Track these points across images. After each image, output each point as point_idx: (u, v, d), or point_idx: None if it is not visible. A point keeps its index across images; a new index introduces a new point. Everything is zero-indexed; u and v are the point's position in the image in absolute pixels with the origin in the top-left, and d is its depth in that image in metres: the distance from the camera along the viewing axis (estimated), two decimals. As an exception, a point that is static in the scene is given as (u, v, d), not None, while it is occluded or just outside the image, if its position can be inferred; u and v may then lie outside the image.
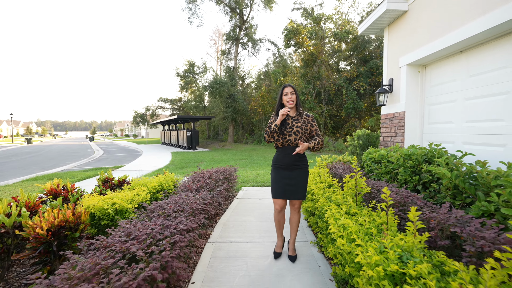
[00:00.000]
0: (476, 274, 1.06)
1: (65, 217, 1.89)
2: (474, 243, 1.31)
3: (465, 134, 3.12)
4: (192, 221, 1.96)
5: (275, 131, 2.21)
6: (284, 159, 2.27)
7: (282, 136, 2.25)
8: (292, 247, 2.40)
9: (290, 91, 2.29)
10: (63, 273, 1.21)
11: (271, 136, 2.24)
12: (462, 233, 1.41)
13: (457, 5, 2.99)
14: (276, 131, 2.22)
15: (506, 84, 2.59)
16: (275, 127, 2.20)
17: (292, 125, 2.25)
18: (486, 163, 1.99)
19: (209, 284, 2.02)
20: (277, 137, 2.26)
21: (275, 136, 2.25)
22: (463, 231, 1.42)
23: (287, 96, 2.27)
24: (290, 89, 2.30)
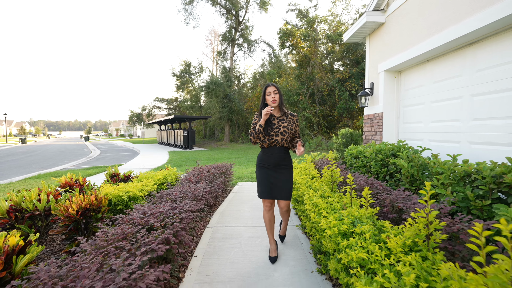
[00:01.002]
0: (401, 230, 1.49)
1: (90, 201, 2.28)
2: (408, 211, 1.75)
3: (430, 132, 3.59)
4: (195, 204, 2.37)
5: (260, 131, 2.17)
6: (269, 159, 2.25)
7: (269, 137, 2.21)
8: (284, 229, 2.64)
9: (273, 91, 2.22)
10: (101, 235, 1.62)
11: (257, 137, 2.19)
12: (403, 206, 1.86)
13: (422, 21, 3.46)
14: (262, 132, 2.18)
15: (459, 90, 3.06)
16: (259, 128, 2.16)
17: (279, 125, 2.22)
18: (437, 155, 2.45)
19: (209, 257, 2.44)
20: (263, 137, 2.22)
21: (261, 137, 2.21)
22: (404, 205, 1.86)
23: (270, 96, 2.22)
24: (273, 89, 2.23)
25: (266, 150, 2.27)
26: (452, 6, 2.97)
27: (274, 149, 2.24)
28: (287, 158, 2.30)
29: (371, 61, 4.79)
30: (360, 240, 1.43)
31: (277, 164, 2.25)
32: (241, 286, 1.97)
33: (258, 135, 2.19)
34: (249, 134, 2.24)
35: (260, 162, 2.33)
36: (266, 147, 2.27)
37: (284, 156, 2.27)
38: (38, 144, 31.73)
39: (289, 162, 2.32)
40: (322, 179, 2.85)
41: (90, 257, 1.37)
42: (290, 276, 2.11)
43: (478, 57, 2.83)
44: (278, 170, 2.26)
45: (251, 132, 2.23)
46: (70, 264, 1.33)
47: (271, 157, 2.24)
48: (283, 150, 2.27)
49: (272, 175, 2.25)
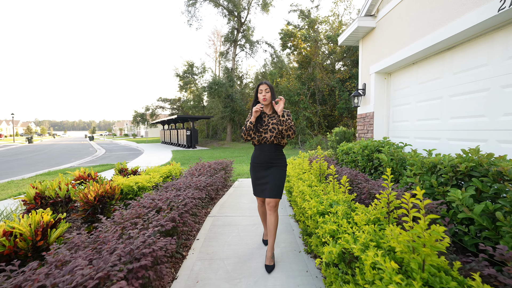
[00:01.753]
0: (368, 210, 1.78)
1: (105, 189, 2.60)
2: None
3: (416, 130, 3.85)
4: (197, 193, 2.68)
5: (250, 128, 2.20)
6: (260, 156, 2.26)
7: (258, 134, 2.23)
8: (269, 254, 2.17)
9: (265, 89, 2.23)
10: (118, 215, 1.93)
11: (247, 134, 2.24)
12: (377, 192, 2.14)
13: (406, 27, 3.73)
14: (252, 129, 2.21)
15: (440, 91, 3.33)
16: (250, 125, 2.20)
17: (268, 123, 2.23)
18: (416, 150, 2.72)
19: (209, 240, 2.75)
20: (253, 134, 2.24)
21: (251, 134, 2.24)
22: (379, 192, 2.15)
23: (261, 94, 2.23)
24: (265, 87, 2.23)
25: (257, 147, 2.30)
26: (428, 16, 3.24)
27: (264, 147, 2.25)
28: (278, 156, 2.27)
29: (363, 63, 5.06)
30: (333, 217, 1.72)
31: (268, 162, 2.24)
32: (237, 262, 2.27)
33: (249, 132, 2.22)
34: (241, 131, 2.31)
35: (252, 161, 2.34)
36: (256, 144, 2.29)
37: (275, 154, 2.25)
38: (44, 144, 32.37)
39: (281, 160, 2.28)
40: (311, 171, 3.14)
41: (111, 229, 1.68)
42: (280, 255, 2.41)
43: (455, 61, 3.10)
44: (268, 167, 2.25)
45: (242, 129, 2.27)
46: (95, 235, 1.64)
47: (262, 155, 2.25)
48: (273, 148, 2.24)
49: (263, 174, 2.25)
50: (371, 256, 1.15)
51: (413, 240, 1.11)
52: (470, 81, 2.87)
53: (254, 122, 2.20)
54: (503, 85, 2.50)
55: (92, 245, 1.47)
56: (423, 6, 3.39)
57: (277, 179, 2.22)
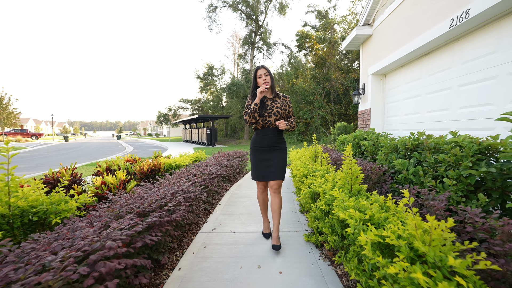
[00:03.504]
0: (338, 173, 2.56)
1: (154, 164, 3.59)
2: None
3: (404, 123, 4.49)
4: (221, 169, 3.59)
5: (255, 110, 2.18)
6: (263, 140, 2.28)
7: (262, 118, 2.23)
8: (276, 235, 2.25)
9: (264, 73, 2.23)
10: (167, 176, 2.88)
11: (252, 116, 2.20)
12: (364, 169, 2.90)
13: (394, 35, 4.38)
14: (257, 111, 2.19)
15: (420, 89, 3.97)
16: (255, 107, 2.17)
17: (272, 106, 2.24)
18: (394, 138, 3.42)
19: (229, 205, 3.64)
20: (258, 118, 2.23)
21: (256, 117, 2.21)
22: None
23: (261, 79, 2.23)
24: (264, 71, 2.23)
25: (260, 131, 2.30)
26: (407, 28, 3.90)
27: (267, 130, 2.26)
28: (280, 140, 2.33)
29: (363, 66, 5.72)
30: (313, 178, 2.53)
31: (270, 145, 2.27)
32: (248, 216, 3.14)
33: (254, 114, 2.19)
34: (244, 115, 2.27)
35: (254, 144, 2.35)
36: (259, 128, 2.29)
37: (277, 137, 2.30)
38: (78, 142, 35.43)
39: (282, 143, 2.35)
40: (307, 154, 3.93)
41: (165, 182, 2.63)
42: (282, 214, 3.24)
43: (431, 65, 3.74)
44: (272, 151, 2.29)
45: (246, 112, 2.26)
46: (157, 183, 2.58)
47: (265, 138, 2.27)
48: (276, 132, 2.29)
49: (266, 157, 2.28)
50: (325, 188, 1.96)
51: (348, 176, 1.90)
52: (441, 80, 3.51)
53: (259, 104, 2.19)
54: (460, 84, 3.14)
55: (155, 188, 2.41)
56: (405, 18, 4.04)
57: (281, 161, 2.29)
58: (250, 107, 2.24)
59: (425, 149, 2.37)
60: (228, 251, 2.25)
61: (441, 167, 1.99)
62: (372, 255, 1.06)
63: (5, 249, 1.13)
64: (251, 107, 2.21)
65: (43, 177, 2.78)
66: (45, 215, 1.59)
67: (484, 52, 2.79)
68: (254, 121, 2.25)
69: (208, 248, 2.30)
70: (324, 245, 2.24)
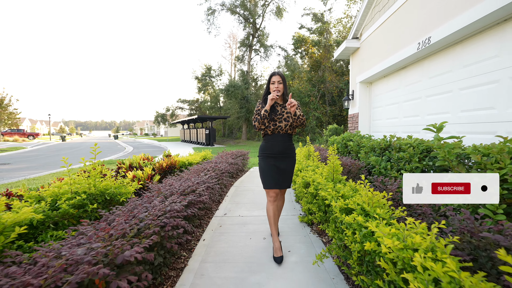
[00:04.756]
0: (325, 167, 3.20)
1: (171, 161, 4.19)
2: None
3: (386, 126, 5.15)
4: (228, 165, 4.21)
5: (265, 117, 2.17)
6: (273, 147, 2.25)
7: (273, 123, 2.21)
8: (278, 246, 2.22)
9: (277, 80, 2.24)
10: (186, 171, 3.49)
11: (262, 122, 2.19)
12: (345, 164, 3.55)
13: (377, 50, 5.04)
14: (267, 117, 2.18)
15: (397, 97, 4.63)
16: (265, 113, 2.16)
17: (282, 112, 2.23)
18: (373, 140, 4.06)
19: (235, 196, 4.25)
20: (267, 123, 2.22)
21: (266, 123, 2.20)
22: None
23: (274, 85, 2.24)
24: (278, 78, 2.24)
25: (270, 137, 2.28)
26: (388, 45, 4.56)
27: (278, 136, 2.24)
28: (291, 146, 2.31)
29: (352, 74, 6.38)
30: (305, 172, 3.16)
31: (281, 152, 2.25)
32: (252, 205, 3.76)
33: (263, 121, 2.18)
34: (254, 121, 2.25)
35: (263, 152, 2.31)
36: (269, 134, 2.28)
37: (288, 143, 2.28)
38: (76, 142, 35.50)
39: (293, 150, 2.34)
40: (302, 153, 4.58)
41: (188, 176, 3.24)
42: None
43: (406, 77, 4.40)
44: (283, 158, 2.26)
45: (255, 118, 2.24)
46: (180, 177, 3.19)
47: (275, 145, 2.24)
48: (287, 137, 2.27)
49: (277, 164, 2.24)
50: (314, 178, 2.59)
51: (331, 169, 2.54)
52: (413, 91, 4.17)
53: (269, 110, 2.18)
54: (427, 95, 3.81)
55: (180, 181, 3.02)
56: (386, 35, 4.70)
57: (292, 170, 2.33)
58: (260, 113, 2.22)
59: (393, 149, 3.02)
60: (239, 228, 2.87)
61: (401, 162, 2.64)
62: (339, 215, 1.69)
63: (118, 211, 1.74)
64: (261, 113, 2.19)
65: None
66: (113, 195, 2.18)
67: (443, 70, 3.45)
68: (264, 127, 2.24)
69: (223, 227, 2.92)
70: (314, 222, 2.88)
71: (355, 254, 1.49)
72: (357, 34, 5.94)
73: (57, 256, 1.07)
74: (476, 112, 2.94)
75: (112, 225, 1.39)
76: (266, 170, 2.27)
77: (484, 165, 1.61)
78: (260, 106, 2.29)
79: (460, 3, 2.92)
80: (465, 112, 3.11)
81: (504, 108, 2.60)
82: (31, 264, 1.08)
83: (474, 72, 2.94)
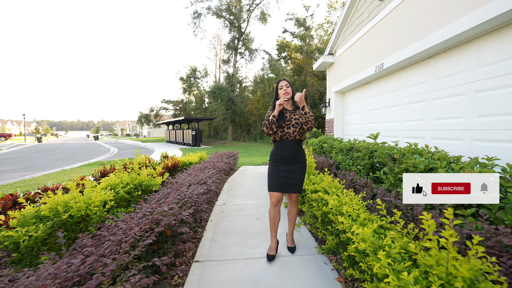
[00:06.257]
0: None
1: (174, 161, 4.89)
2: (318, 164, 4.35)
3: (355, 130, 6.15)
4: (224, 164, 4.98)
5: (273, 122, 2.21)
6: (282, 152, 2.28)
7: (281, 129, 2.26)
8: (290, 239, 2.45)
9: (285, 84, 2.31)
10: (190, 169, 4.22)
11: (270, 128, 2.23)
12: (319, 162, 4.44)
13: (347, 67, 6.02)
14: (275, 122, 2.22)
15: (363, 107, 5.63)
16: (273, 118, 2.20)
17: (290, 118, 2.26)
18: (343, 142, 5.00)
19: (230, 190, 5.02)
20: (275, 129, 2.26)
21: (274, 128, 2.24)
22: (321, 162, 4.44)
23: (282, 90, 2.30)
24: (285, 83, 2.32)
25: (279, 143, 2.32)
26: (355, 64, 5.55)
27: (287, 142, 2.28)
28: (300, 152, 2.34)
29: (329, 85, 7.37)
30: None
31: (290, 157, 2.29)
32: (245, 196, 4.55)
33: (271, 126, 2.23)
34: (263, 126, 2.28)
35: (273, 157, 2.36)
36: (278, 140, 2.32)
37: (296, 149, 2.31)
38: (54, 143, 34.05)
39: (302, 155, 2.37)
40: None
41: (195, 172, 3.98)
42: (266, 193, 4.70)
43: (369, 91, 5.40)
44: (292, 163, 2.30)
45: (264, 123, 2.27)
46: (188, 173, 3.92)
47: (284, 151, 2.28)
48: (295, 143, 2.31)
49: (286, 168, 2.28)
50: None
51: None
52: (374, 103, 5.17)
53: (277, 115, 2.23)
54: (384, 107, 4.80)
55: (193, 174, 3.75)
56: (354, 56, 5.69)
57: (302, 174, 2.33)
58: (269, 118, 2.26)
59: (354, 150, 3.95)
60: (237, 213, 3.66)
61: (358, 160, 3.56)
62: (310, 195, 2.54)
63: (162, 193, 2.47)
64: (269, 118, 2.24)
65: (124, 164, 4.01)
66: (147, 186, 2.88)
67: (393, 88, 4.45)
68: (272, 132, 2.29)
69: (224, 212, 3.70)
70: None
71: (319, 219, 2.35)
72: (332, 51, 6.92)
73: (141, 216, 1.81)
74: (411, 123, 3.94)
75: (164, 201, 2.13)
76: (272, 174, 2.33)
77: (400, 160, 2.52)
78: (270, 112, 2.34)
79: (402, 42, 3.91)
80: (408, 122, 4.11)
81: (425, 122, 3.60)
82: (123, 221, 1.82)
83: (412, 92, 3.94)
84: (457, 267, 0.94)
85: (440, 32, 3.06)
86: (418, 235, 1.43)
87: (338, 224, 1.78)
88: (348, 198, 2.02)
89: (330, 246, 2.13)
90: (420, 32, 3.47)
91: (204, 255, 2.41)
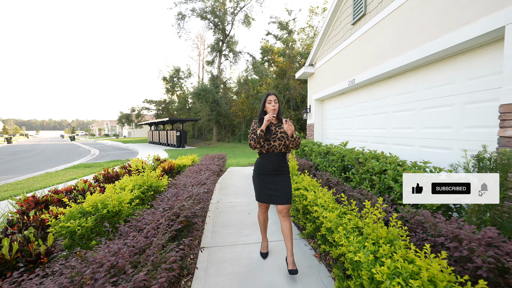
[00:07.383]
0: (288, 167, 4.69)
1: (170, 164, 5.32)
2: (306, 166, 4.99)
3: (333, 135, 6.90)
4: (215, 166, 5.49)
5: (261, 136, 2.25)
6: (268, 164, 2.33)
7: (268, 143, 2.30)
8: (291, 260, 2.23)
9: (274, 99, 2.35)
10: (186, 171, 4.70)
11: (257, 142, 2.27)
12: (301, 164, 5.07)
13: (327, 77, 6.75)
14: (262, 137, 2.26)
15: (340, 114, 6.37)
16: (261, 133, 2.24)
17: (276, 131, 2.32)
18: (322, 146, 5.68)
19: (221, 190, 5.53)
20: (262, 143, 2.30)
21: (261, 142, 2.28)
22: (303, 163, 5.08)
23: (270, 104, 2.34)
24: (274, 98, 2.36)
25: (265, 156, 2.36)
26: (332, 76, 6.29)
27: (272, 155, 2.32)
28: (284, 164, 2.39)
29: (309, 92, 8.09)
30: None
31: (275, 169, 2.33)
32: (237, 195, 5.09)
33: (259, 140, 2.27)
34: (249, 139, 2.31)
35: (258, 169, 2.40)
36: (264, 152, 2.35)
37: (282, 161, 2.36)
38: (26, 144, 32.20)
39: (286, 168, 2.41)
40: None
41: (192, 174, 4.46)
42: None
43: (344, 101, 6.15)
44: (277, 175, 2.34)
45: (251, 137, 2.30)
46: (187, 174, 4.39)
47: (269, 163, 2.33)
48: (281, 156, 2.36)
49: (271, 180, 2.33)
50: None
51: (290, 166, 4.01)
52: (348, 111, 5.92)
53: (264, 130, 2.28)
54: (357, 115, 5.55)
55: (192, 176, 4.23)
56: (331, 69, 6.42)
57: (288, 186, 2.35)
58: (256, 133, 2.29)
59: (330, 154, 4.63)
60: (231, 209, 4.20)
61: (333, 162, 4.23)
62: (293, 192, 3.15)
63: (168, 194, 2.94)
64: (257, 133, 2.27)
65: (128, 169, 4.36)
66: (156, 187, 3.33)
67: (363, 100, 5.20)
68: (259, 146, 2.33)
69: (219, 209, 4.22)
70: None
71: (301, 211, 2.96)
72: (312, 62, 7.64)
73: (162, 210, 2.30)
74: (376, 130, 4.70)
75: (179, 198, 2.64)
76: (259, 187, 2.40)
77: (364, 163, 3.20)
78: (256, 126, 2.37)
79: (369, 62, 4.65)
80: (374, 129, 4.86)
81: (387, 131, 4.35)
82: (149, 214, 2.30)
83: (378, 104, 4.69)
84: (380, 231, 1.57)
85: (397, 59, 3.80)
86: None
87: (314, 212, 2.39)
88: (322, 193, 2.64)
89: (309, 231, 2.75)
90: (384, 56, 4.21)
91: (208, 242, 2.94)
